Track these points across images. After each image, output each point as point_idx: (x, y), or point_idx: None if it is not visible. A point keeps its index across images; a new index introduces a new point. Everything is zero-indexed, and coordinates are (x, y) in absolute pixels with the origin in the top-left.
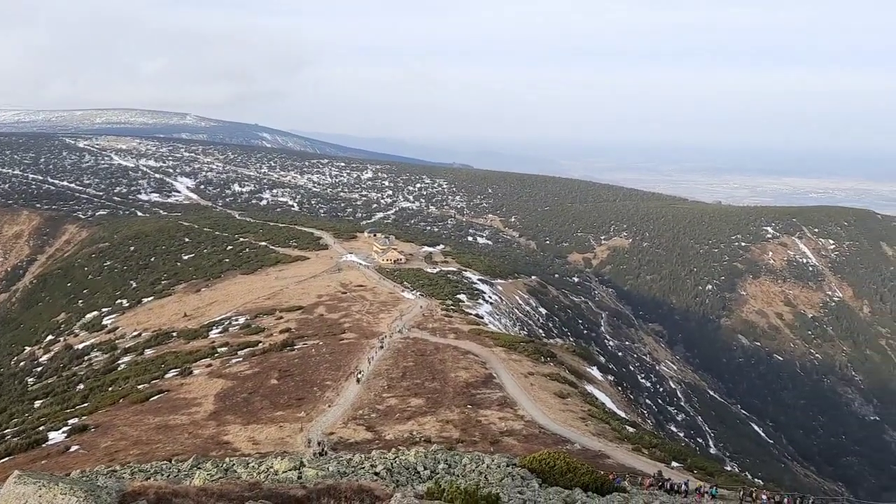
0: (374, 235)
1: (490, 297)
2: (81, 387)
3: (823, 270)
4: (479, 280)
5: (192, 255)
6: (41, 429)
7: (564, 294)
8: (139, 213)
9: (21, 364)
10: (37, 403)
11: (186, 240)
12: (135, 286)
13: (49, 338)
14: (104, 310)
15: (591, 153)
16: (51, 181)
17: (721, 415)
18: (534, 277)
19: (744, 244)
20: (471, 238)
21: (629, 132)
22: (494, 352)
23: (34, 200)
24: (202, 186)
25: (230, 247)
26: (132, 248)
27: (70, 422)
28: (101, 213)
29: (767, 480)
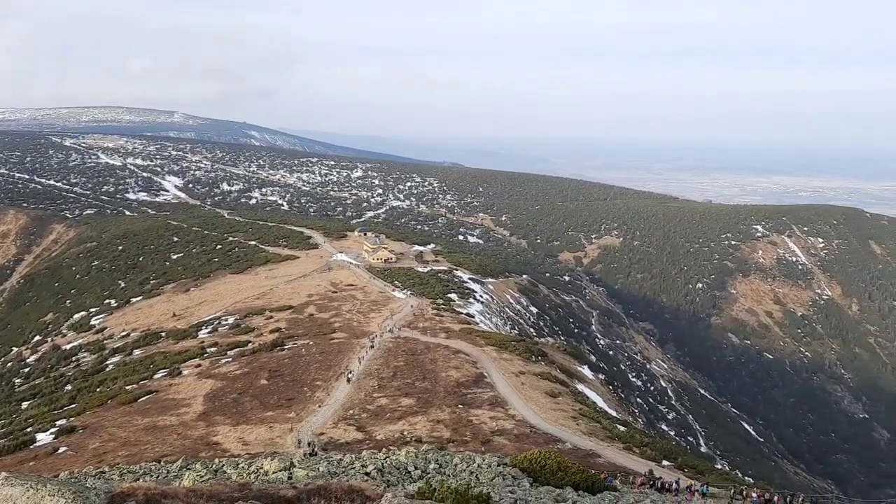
0: (365, 234)
1: (481, 296)
2: (69, 388)
3: (813, 269)
4: (470, 279)
5: (181, 255)
6: (29, 430)
7: (555, 293)
8: (127, 213)
9: (8, 365)
10: (24, 404)
11: (175, 239)
12: (123, 286)
13: (36, 338)
14: (92, 310)
15: (584, 152)
16: (37, 180)
17: (711, 413)
18: (525, 276)
19: (734, 243)
20: (461, 237)
21: (621, 131)
22: (485, 351)
23: (20, 200)
24: (190, 185)
25: (219, 246)
26: (120, 248)
27: (58, 423)
28: (89, 213)
29: (758, 478)
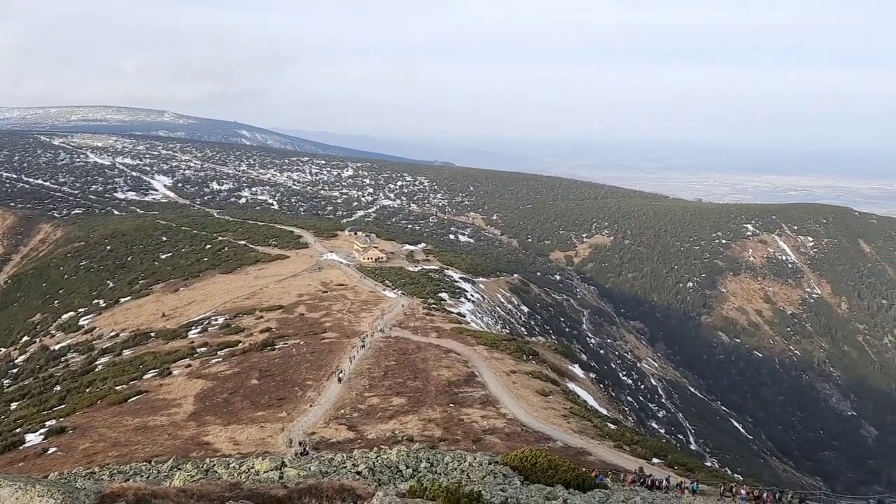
0: (355, 234)
1: (472, 296)
2: (58, 388)
3: (802, 267)
4: (461, 278)
5: (170, 255)
6: (18, 431)
7: (546, 292)
8: (115, 212)
9: None
10: (13, 405)
11: (164, 239)
12: (112, 286)
13: (24, 339)
14: (80, 310)
15: (575, 151)
16: (25, 179)
17: (701, 411)
18: (516, 275)
19: (724, 242)
20: (452, 236)
21: (612, 130)
22: (476, 350)
23: (8, 199)
24: (180, 184)
25: (209, 246)
26: (108, 248)
27: (47, 423)
28: (77, 212)
29: (747, 476)
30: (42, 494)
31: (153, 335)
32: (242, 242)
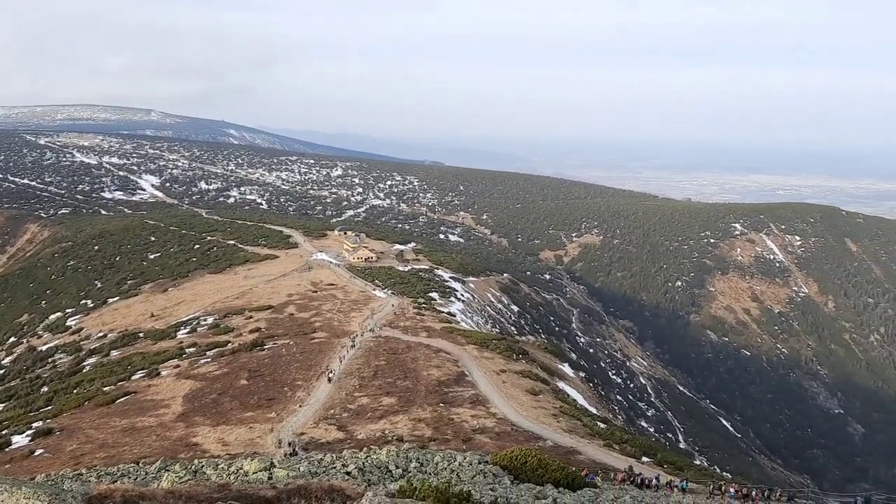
0: (345, 233)
1: (462, 295)
2: (45, 389)
3: (790, 266)
4: (451, 278)
5: (159, 255)
6: (4, 432)
7: (536, 291)
8: (103, 212)
9: None
10: None
11: (152, 239)
12: (99, 286)
13: (11, 339)
14: (68, 310)
15: (564, 151)
16: (11, 179)
17: (690, 410)
18: (506, 275)
19: (713, 241)
20: (442, 236)
21: (601, 130)
22: (466, 350)
23: None
24: (168, 184)
25: (197, 245)
26: (96, 248)
27: (34, 425)
28: (64, 212)
29: (735, 474)
30: (29, 496)
31: (141, 336)
32: (231, 242)
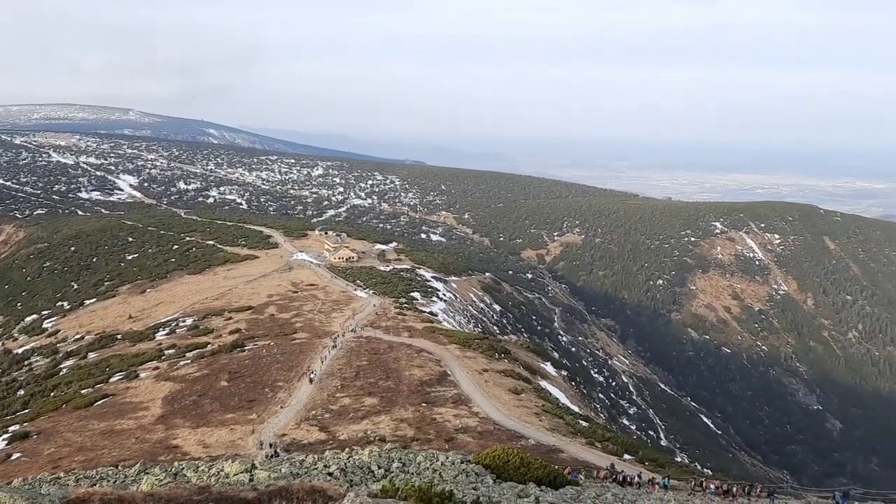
0: (326, 233)
1: (444, 295)
2: (22, 392)
3: (769, 264)
4: (433, 277)
5: (137, 255)
6: None
7: (518, 290)
8: (80, 212)
9: None
10: None
11: (130, 239)
12: (76, 288)
13: None
14: (44, 312)
15: (546, 150)
16: None
17: (671, 407)
18: (488, 274)
19: (693, 239)
20: (424, 235)
21: (582, 130)
22: (449, 349)
23: None
24: (146, 184)
25: (176, 246)
26: (73, 249)
27: (11, 429)
28: (40, 213)
29: (716, 470)
30: (5, 501)
31: (119, 337)
32: (211, 243)
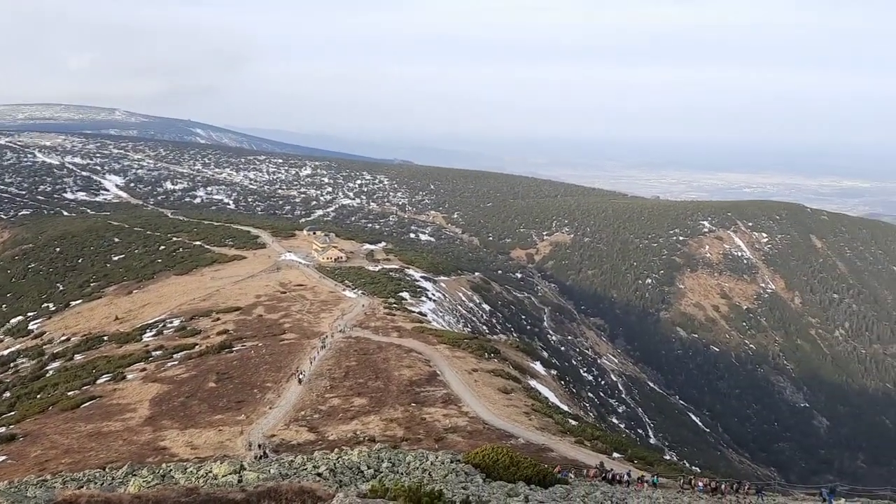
0: (314, 233)
1: (433, 295)
2: (7, 395)
3: (757, 263)
4: (422, 277)
5: (123, 256)
6: None
7: (507, 290)
8: (65, 213)
9: None
10: None
11: (116, 240)
12: (62, 289)
13: None
14: (29, 314)
15: (534, 150)
16: None
17: (660, 406)
18: (477, 274)
19: (681, 238)
20: (413, 235)
21: (570, 129)
22: (438, 349)
23: None
24: (132, 184)
25: (163, 247)
26: (58, 250)
27: None
28: (25, 213)
29: (704, 468)
30: None
31: (106, 339)
32: (198, 243)
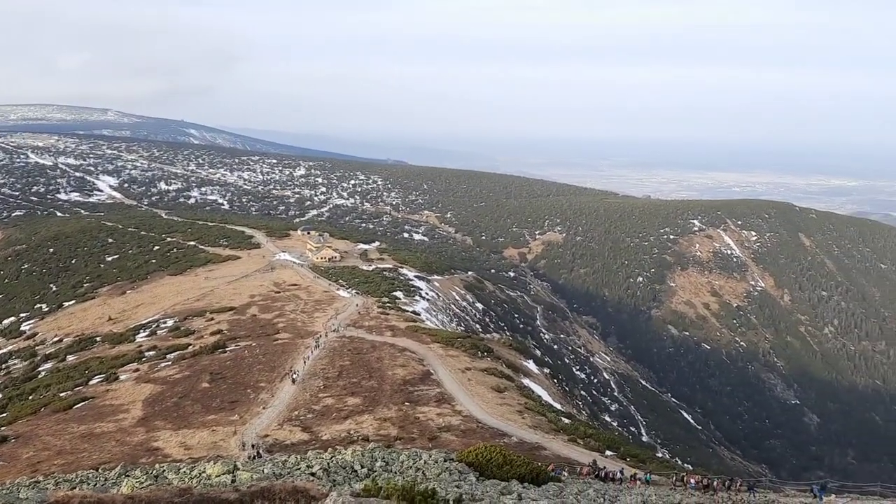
0: (308, 233)
1: (427, 294)
2: (0, 396)
3: (747, 261)
4: (416, 277)
5: (117, 257)
6: None
7: (501, 289)
8: (58, 214)
9: None
10: None
11: (110, 240)
12: (55, 290)
13: None
14: (22, 315)
15: (526, 150)
16: None
17: (652, 403)
18: (470, 273)
19: (672, 237)
20: (406, 235)
21: (562, 129)
22: (432, 348)
23: None
24: (126, 185)
25: (157, 247)
26: (51, 250)
27: None
28: (18, 214)
29: (696, 465)
30: None
31: (99, 339)
32: (192, 243)
